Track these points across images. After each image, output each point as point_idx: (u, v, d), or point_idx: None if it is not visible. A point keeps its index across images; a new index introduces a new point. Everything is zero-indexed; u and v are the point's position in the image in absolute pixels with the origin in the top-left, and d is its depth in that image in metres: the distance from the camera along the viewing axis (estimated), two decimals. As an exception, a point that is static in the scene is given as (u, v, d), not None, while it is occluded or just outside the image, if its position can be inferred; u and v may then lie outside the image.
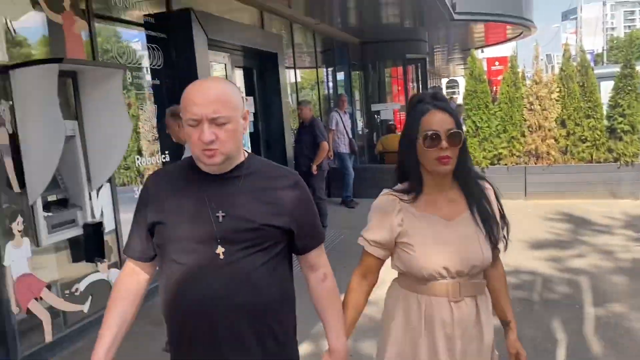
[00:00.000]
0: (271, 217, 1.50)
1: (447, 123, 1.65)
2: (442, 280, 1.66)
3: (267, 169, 1.60)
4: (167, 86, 5.09)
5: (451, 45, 16.98)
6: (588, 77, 8.02)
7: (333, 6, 8.63)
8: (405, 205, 1.70)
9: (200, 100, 1.43)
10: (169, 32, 5.08)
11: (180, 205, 1.51)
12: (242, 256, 1.48)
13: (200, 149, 1.45)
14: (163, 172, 1.71)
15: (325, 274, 1.67)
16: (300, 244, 1.61)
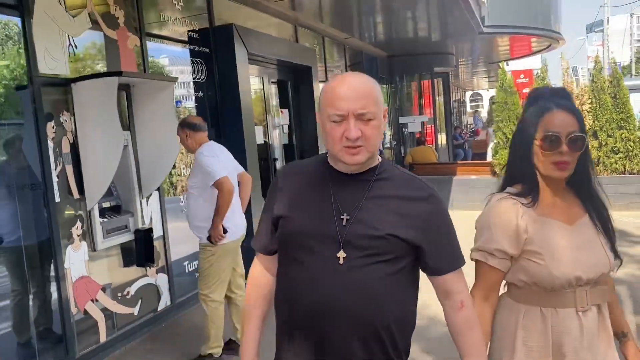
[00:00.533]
0: (398, 228, 1.39)
1: (570, 125, 1.51)
2: (569, 290, 1.52)
3: (400, 177, 1.49)
4: (210, 98, 5.28)
5: (476, 59, 17.03)
6: (620, 88, 8.02)
7: (362, 21, 8.81)
8: (527, 210, 1.55)
9: (347, 95, 1.36)
10: (211, 47, 5.29)
11: (306, 201, 1.46)
12: (362, 264, 1.38)
13: (342, 146, 1.37)
14: (295, 166, 1.65)
15: (463, 302, 1.48)
16: (432, 264, 1.47)
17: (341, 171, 1.45)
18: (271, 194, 1.55)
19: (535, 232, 1.53)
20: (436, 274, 1.47)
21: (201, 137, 3.65)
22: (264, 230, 1.57)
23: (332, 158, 1.46)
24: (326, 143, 1.43)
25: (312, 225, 1.42)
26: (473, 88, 31.96)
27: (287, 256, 1.48)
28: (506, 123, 8.49)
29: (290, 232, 1.45)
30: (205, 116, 5.13)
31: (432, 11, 8.39)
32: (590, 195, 1.59)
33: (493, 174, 8.70)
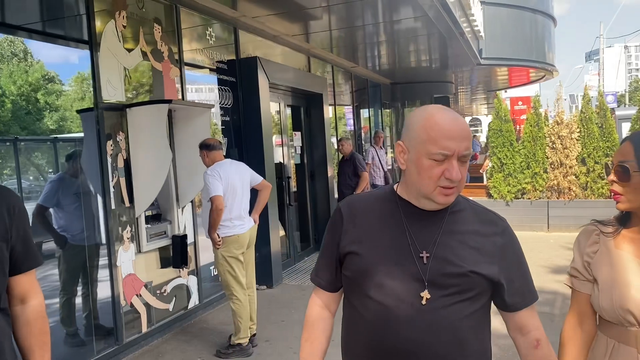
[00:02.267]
0: (479, 264, 1.36)
1: (623, 154, 1.47)
2: (632, 328, 1.45)
3: (473, 210, 1.46)
4: (234, 122, 5.92)
5: (475, 86, 17.76)
6: (606, 119, 8.69)
7: (367, 52, 9.51)
8: (604, 239, 1.53)
9: (457, 135, 1.31)
10: (237, 76, 5.94)
11: (379, 237, 1.40)
12: (447, 303, 1.33)
13: (437, 186, 1.33)
14: (358, 200, 1.53)
15: (539, 340, 1.44)
16: (509, 301, 1.43)
17: (415, 205, 1.41)
18: (334, 228, 1.49)
19: (601, 260, 1.50)
20: (512, 310, 1.44)
21: (215, 155, 4.25)
22: (326, 266, 1.51)
23: (414, 194, 1.40)
24: (416, 180, 1.36)
25: (389, 264, 1.37)
26: (472, 113, 32.71)
27: (361, 295, 1.41)
28: (501, 149, 9.12)
29: (365, 270, 1.39)
30: (230, 137, 5.79)
31: (432, 44, 9.08)
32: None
33: (489, 196, 9.31)
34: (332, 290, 1.54)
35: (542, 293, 5.48)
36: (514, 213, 8.99)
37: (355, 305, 1.43)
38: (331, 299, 1.55)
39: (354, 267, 1.42)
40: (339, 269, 1.49)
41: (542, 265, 6.50)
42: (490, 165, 9.48)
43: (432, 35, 8.01)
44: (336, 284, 1.52)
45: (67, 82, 4.03)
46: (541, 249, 7.51)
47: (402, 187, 1.45)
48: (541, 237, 8.35)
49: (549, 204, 8.82)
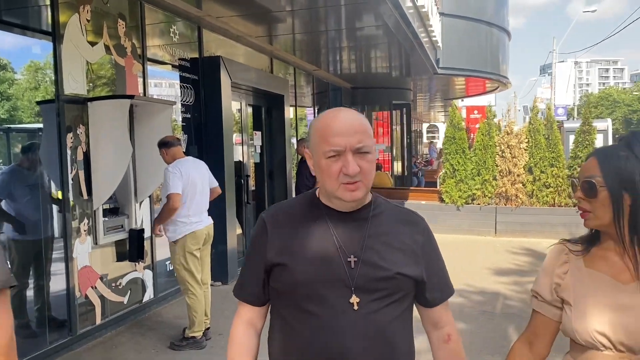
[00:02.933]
0: (405, 266, 1.38)
1: (589, 170, 1.42)
2: (606, 352, 1.39)
3: (394, 211, 1.47)
4: (195, 119, 5.99)
5: (433, 94, 18.27)
6: (552, 131, 9.15)
7: (329, 56, 9.72)
8: (574, 258, 1.48)
9: (343, 130, 1.32)
10: (200, 74, 6.02)
11: (306, 246, 1.38)
12: (377, 308, 1.34)
13: (340, 183, 1.32)
14: (282, 208, 1.50)
15: (450, 335, 1.49)
16: (429, 297, 1.46)
17: (337, 209, 1.40)
18: (258, 239, 1.45)
19: (573, 281, 1.46)
20: (431, 306, 1.47)
21: (175, 152, 4.33)
22: (252, 280, 1.46)
23: (327, 196, 1.41)
24: (322, 181, 1.37)
25: (319, 271, 1.35)
26: (430, 120, 33.53)
27: (292, 306, 1.38)
28: (454, 156, 9.48)
29: (294, 281, 1.36)
30: (190, 135, 5.86)
31: (392, 52, 9.36)
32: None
33: (441, 201, 9.65)
34: (259, 305, 1.49)
35: (485, 293, 5.81)
36: (464, 218, 9.37)
37: (286, 317, 1.40)
38: (257, 315, 1.50)
39: (283, 279, 1.38)
40: (266, 282, 1.44)
41: (487, 268, 6.84)
42: (443, 171, 9.83)
43: (392, 43, 8.27)
44: (263, 297, 1.47)
45: (27, 72, 4.04)
46: (487, 253, 7.87)
47: (321, 192, 1.44)
48: (488, 242, 8.74)
49: (497, 209, 9.23)
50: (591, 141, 8.89)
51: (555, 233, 8.75)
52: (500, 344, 4.34)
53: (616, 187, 1.38)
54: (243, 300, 1.50)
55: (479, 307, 5.34)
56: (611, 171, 1.39)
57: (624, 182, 1.37)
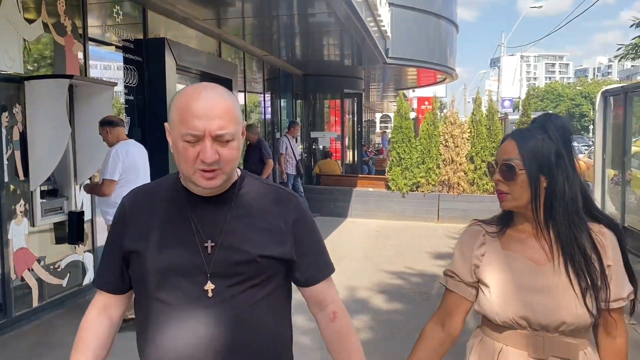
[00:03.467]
0: (268, 247, 1.32)
1: (508, 153, 1.43)
2: (522, 331, 1.42)
3: (262, 189, 1.40)
4: (139, 102, 5.93)
5: (386, 84, 18.54)
6: (493, 122, 9.53)
7: (280, 42, 9.74)
8: (490, 239, 1.50)
9: (204, 113, 1.21)
10: (144, 56, 5.95)
11: (162, 232, 1.31)
12: (234, 293, 1.28)
13: (196, 169, 1.23)
14: (142, 191, 1.43)
15: (335, 312, 1.44)
16: (302, 276, 1.41)
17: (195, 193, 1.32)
18: (117, 225, 1.38)
19: (490, 262, 1.47)
20: (307, 285, 1.42)
21: (118, 132, 4.28)
22: (110, 266, 1.39)
23: (185, 180, 1.32)
24: (177, 163, 1.28)
25: (173, 259, 1.28)
26: (383, 110, 33.97)
27: (148, 298, 1.31)
28: (400, 144, 9.72)
29: (148, 269, 1.29)
30: (133, 117, 5.80)
31: (344, 40, 9.47)
32: (567, 236, 1.42)
33: (387, 188, 9.89)
34: (117, 293, 1.40)
35: (424, 276, 6.05)
36: (409, 204, 9.65)
37: (143, 308, 1.33)
38: (114, 303, 1.40)
39: (137, 267, 1.32)
40: (125, 270, 1.37)
41: (428, 252, 7.11)
42: (391, 160, 10.07)
43: (343, 31, 8.37)
44: (121, 285, 1.39)
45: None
46: (430, 238, 8.16)
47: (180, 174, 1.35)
48: (431, 227, 9.05)
49: (440, 197, 9.55)
50: (529, 132, 9.29)
51: (493, 220, 9.16)
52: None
53: (534, 170, 1.40)
54: (99, 287, 1.41)
55: (417, 289, 5.57)
56: (529, 154, 1.40)
57: (541, 165, 1.40)
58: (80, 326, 1.39)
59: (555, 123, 1.45)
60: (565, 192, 1.42)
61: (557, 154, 1.41)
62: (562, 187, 1.42)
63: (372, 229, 8.85)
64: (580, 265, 1.40)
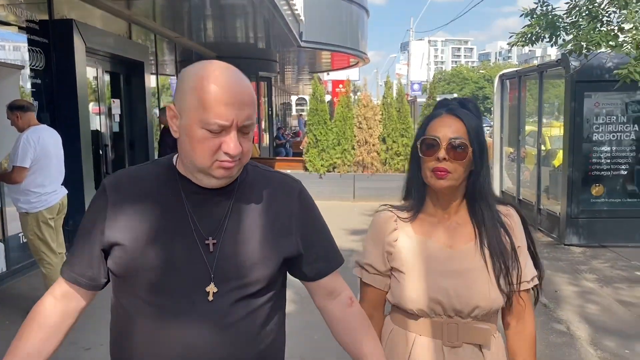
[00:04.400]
0: (274, 244, 1.21)
1: (453, 131, 1.36)
2: (436, 318, 1.39)
3: (264, 179, 1.27)
4: (47, 85, 5.70)
5: (301, 67, 18.72)
6: (403, 104, 10.01)
7: (192, 24, 9.61)
8: (402, 225, 1.44)
9: (233, 100, 1.09)
10: (50, 38, 5.71)
11: (153, 224, 1.16)
12: (237, 298, 1.16)
13: (215, 160, 1.11)
14: (129, 176, 1.25)
15: (351, 298, 1.35)
16: (311, 270, 1.29)
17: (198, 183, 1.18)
18: (96, 211, 1.20)
19: (403, 249, 1.42)
20: (318, 278, 1.31)
21: (29, 117, 4.16)
22: (84, 257, 1.20)
23: (190, 168, 1.17)
24: (189, 152, 1.13)
25: (167, 255, 1.15)
26: (299, 93, 34.21)
27: (132, 298, 1.17)
28: (316, 127, 9.98)
29: (135, 265, 1.15)
30: (41, 101, 5.58)
31: (257, 23, 9.51)
32: (482, 218, 1.41)
33: (305, 169, 10.14)
34: (89, 288, 1.22)
35: (342, 250, 6.29)
36: (326, 185, 9.96)
37: (126, 307, 1.18)
38: (79, 295, 1.23)
39: (123, 262, 1.16)
40: (102, 262, 1.20)
41: (344, 229, 7.44)
42: (307, 142, 10.30)
43: (256, 14, 8.41)
44: (97, 280, 1.21)
45: None
46: (346, 216, 8.51)
47: (179, 160, 1.21)
48: (347, 206, 9.42)
49: (355, 177, 9.94)
50: (435, 114, 9.88)
51: (405, 197, 9.71)
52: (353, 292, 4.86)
53: (477, 152, 1.38)
54: (68, 279, 1.22)
55: (334, 264, 5.85)
56: (475, 133, 1.37)
57: (480, 145, 1.38)
58: (28, 315, 1.22)
59: (473, 104, 1.46)
60: (487, 174, 1.42)
61: (485, 138, 1.40)
62: (488, 172, 1.42)
63: (291, 209, 9.05)
64: (494, 247, 1.39)
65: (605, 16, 4.45)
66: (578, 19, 4.58)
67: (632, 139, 6.46)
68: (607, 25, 4.46)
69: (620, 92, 6.11)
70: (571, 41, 4.53)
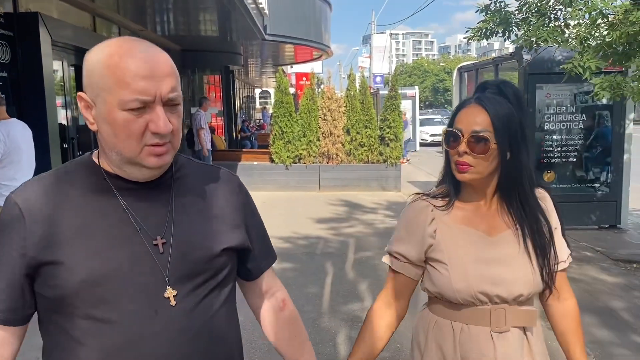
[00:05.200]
0: (226, 237, 1.14)
1: (476, 123, 1.32)
2: (481, 306, 1.38)
3: (201, 170, 1.20)
4: (13, 79, 5.69)
5: (264, 60, 18.79)
6: (366, 96, 10.27)
7: (156, 16, 9.61)
8: (439, 214, 1.42)
9: (151, 72, 0.99)
10: (15, 31, 5.69)
11: (89, 231, 1.03)
12: (199, 297, 1.08)
13: (143, 145, 1.01)
14: (42, 186, 1.08)
15: (284, 300, 1.31)
16: (252, 266, 1.25)
17: (128, 178, 1.07)
18: (9, 232, 1.03)
19: (443, 239, 1.40)
20: (256, 276, 1.26)
21: (1, 111, 4.24)
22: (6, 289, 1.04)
23: (116, 162, 1.05)
24: (113, 142, 1.02)
25: (114, 264, 1.02)
26: (262, 86, 34.16)
27: (78, 318, 1.02)
28: (282, 119, 10.14)
29: (77, 282, 1.00)
30: (7, 95, 5.57)
31: (221, 16, 9.57)
32: (521, 207, 1.40)
33: (271, 161, 10.30)
34: (14, 324, 1.06)
35: (309, 238, 6.59)
36: (292, 176, 10.16)
37: (70, 333, 1.03)
38: (11, 336, 1.06)
39: (59, 283, 1.00)
40: (27, 290, 1.04)
41: (311, 218, 7.67)
42: (273, 134, 10.47)
43: (220, 6, 8.49)
44: (23, 312, 1.06)
45: None
46: (312, 206, 8.74)
47: (102, 156, 1.08)
48: (313, 196, 9.65)
49: (320, 167, 10.17)
50: (397, 105, 10.19)
51: (368, 186, 10.01)
52: (320, 278, 5.09)
53: (505, 143, 1.33)
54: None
55: (303, 250, 6.08)
56: (501, 125, 1.32)
57: (510, 137, 1.33)
58: None
59: (513, 89, 1.39)
60: (527, 164, 1.38)
61: (521, 125, 1.36)
62: (525, 159, 1.37)
63: (259, 200, 9.06)
64: (533, 232, 1.39)
65: (552, 13, 4.78)
66: (528, 15, 4.90)
67: (581, 127, 6.90)
68: (554, 22, 4.80)
69: (569, 84, 6.52)
70: (522, 36, 4.85)
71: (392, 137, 10.13)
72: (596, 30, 4.47)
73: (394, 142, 10.16)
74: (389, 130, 10.12)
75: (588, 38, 4.43)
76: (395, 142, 10.16)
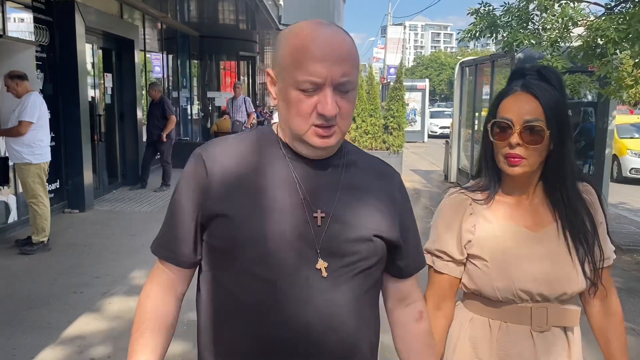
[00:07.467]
0: (382, 226, 1.14)
1: (528, 112, 1.25)
2: (522, 304, 1.32)
3: (368, 161, 1.22)
4: (51, 60, 6.40)
5: (279, 47, 19.34)
6: (372, 86, 10.86)
7: (176, 4, 10.26)
8: (479, 208, 1.36)
9: (327, 56, 1.01)
10: (54, 17, 6.40)
11: (259, 192, 1.09)
12: (349, 276, 1.09)
13: (310, 125, 1.05)
14: (226, 146, 1.16)
15: (422, 312, 1.27)
16: (404, 264, 1.22)
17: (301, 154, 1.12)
18: (192, 183, 1.13)
19: (483, 234, 1.34)
20: (402, 276, 1.24)
21: (26, 85, 4.99)
22: (180, 234, 1.14)
23: (290, 138, 1.12)
24: (286, 117, 1.09)
25: (275, 226, 1.07)
26: (277, 72, 34.62)
27: (235, 270, 1.09)
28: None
29: (241, 237, 1.07)
30: (45, 74, 6.30)
31: (238, 5, 10.19)
32: (563, 201, 1.33)
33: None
34: (186, 267, 1.17)
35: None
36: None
37: (227, 284, 1.10)
38: (180, 278, 1.18)
39: (225, 235, 1.09)
40: (199, 238, 1.14)
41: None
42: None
43: (239, 0, 9.13)
44: (194, 257, 1.15)
45: None
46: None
47: (280, 128, 1.16)
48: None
49: (326, 152, 10.78)
50: (401, 96, 10.78)
51: (371, 172, 10.62)
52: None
53: (555, 132, 1.27)
54: (165, 259, 1.17)
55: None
56: (553, 113, 1.26)
57: (560, 126, 1.27)
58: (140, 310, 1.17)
59: (555, 74, 1.33)
60: (571, 155, 1.31)
61: (567, 114, 1.30)
62: (570, 150, 1.31)
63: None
64: (577, 228, 1.32)
65: (530, 19, 5.36)
66: (511, 19, 5.48)
67: (565, 123, 7.43)
68: (532, 26, 5.37)
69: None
70: (503, 39, 5.43)
71: (395, 126, 10.72)
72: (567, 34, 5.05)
73: (397, 131, 10.76)
74: (392, 119, 10.71)
75: (558, 41, 5.01)
76: (398, 130, 10.76)
